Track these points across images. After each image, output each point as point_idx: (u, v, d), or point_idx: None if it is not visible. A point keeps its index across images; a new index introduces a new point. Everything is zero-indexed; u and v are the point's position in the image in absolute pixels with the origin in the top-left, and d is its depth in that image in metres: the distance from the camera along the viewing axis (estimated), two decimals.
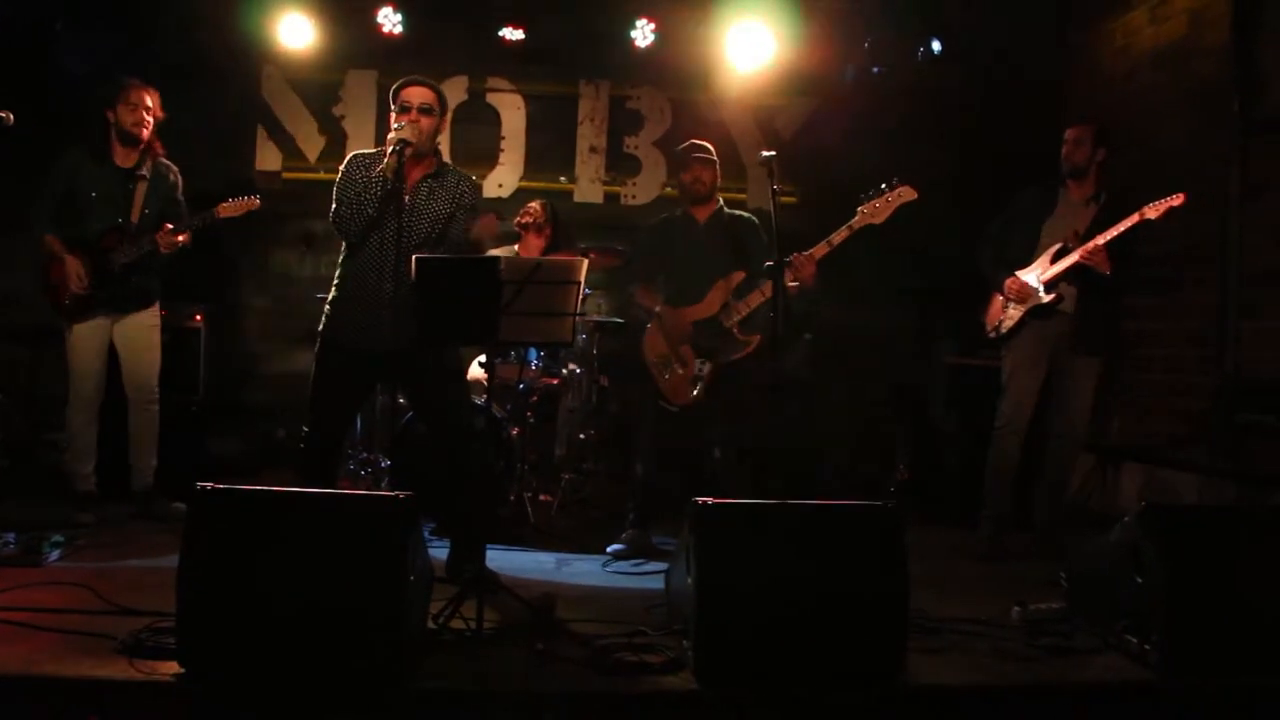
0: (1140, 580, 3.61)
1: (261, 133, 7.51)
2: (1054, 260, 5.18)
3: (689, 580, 3.32)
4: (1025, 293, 5.23)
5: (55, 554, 4.49)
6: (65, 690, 3.07)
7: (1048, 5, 7.01)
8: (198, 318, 6.41)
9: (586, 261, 3.69)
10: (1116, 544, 3.81)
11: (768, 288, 4.95)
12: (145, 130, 5.28)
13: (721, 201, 5.36)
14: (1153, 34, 6.32)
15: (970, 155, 7.14)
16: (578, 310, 3.69)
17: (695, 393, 5.08)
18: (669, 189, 7.52)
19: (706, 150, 5.26)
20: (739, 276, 5.11)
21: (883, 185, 4.85)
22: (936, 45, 7.09)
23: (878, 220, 4.84)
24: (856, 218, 4.85)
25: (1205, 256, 5.77)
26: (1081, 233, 5.14)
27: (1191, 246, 5.84)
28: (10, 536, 4.45)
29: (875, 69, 7.33)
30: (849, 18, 7.12)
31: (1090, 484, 6.38)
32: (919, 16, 7.13)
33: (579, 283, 3.63)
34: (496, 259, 3.62)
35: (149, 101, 5.28)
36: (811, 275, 4.85)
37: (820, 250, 4.85)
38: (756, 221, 5.33)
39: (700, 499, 3.32)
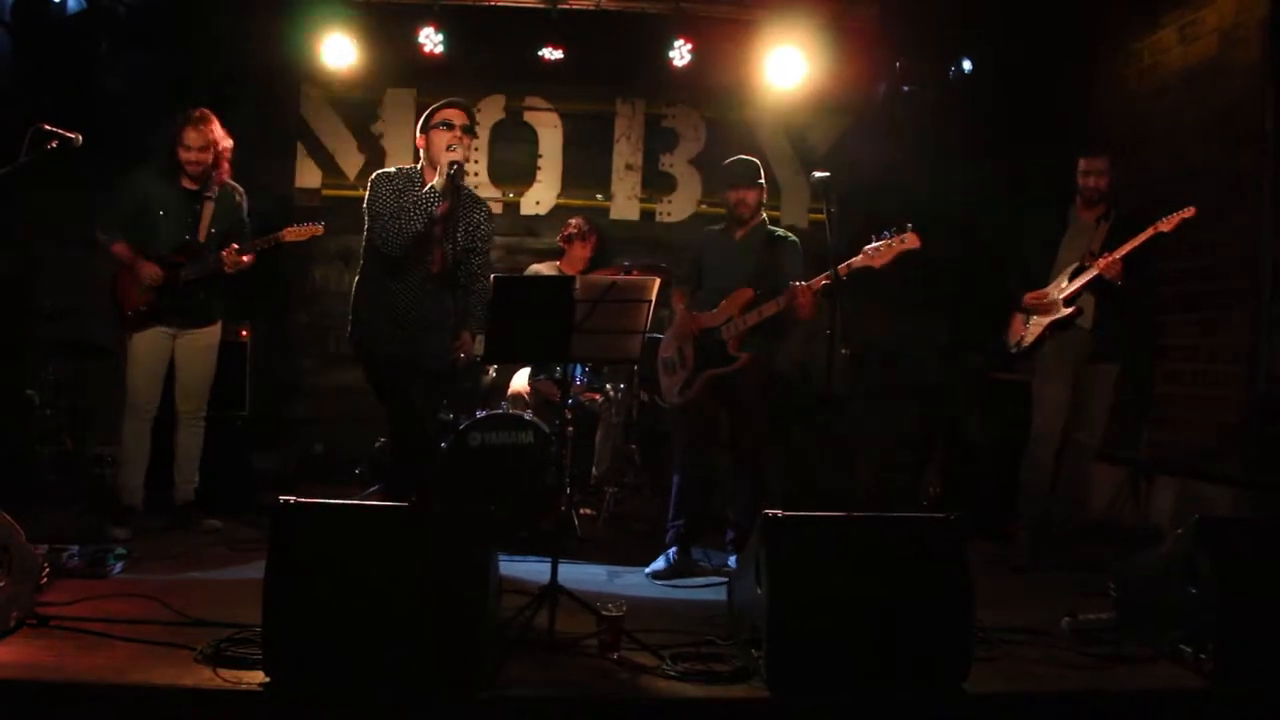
0: (1194, 591, 3.68)
1: (301, 150, 7.62)
2: (1072, 278, 5.34)
3: (759, 591, 3.40)
4: (1044, 304, 5.41)
5: (119, 566, 4.58)
6: (156, 698, 3.15)
7: (1075, 25, 7.09)
8: (244, 333, 6.46)
9: (658, 280, 3.78)
10: (1169, 555, 3.89)
11: (767, 308, 5.05)
12: (201, 167, 5.36)
13: (765, 218, 5.42)
14: (1182, 53, 6.39)
15: (999, 173, 7.24)
16: (647, 328, 3.79)
17: (681, 396, 5.21)
18: (703, 205, 7.65)
19: (759, 172, 5.35)
20: (749, 294, 5.15)
21: (888, 231, 4.94)
22: (967, 65, 7.19)
23: (876, 264, 4.92)
24: (859, 257, 4.92)
25: (1236, 271, 5.83)
26: (1097, 251, 5.30)
27: (1222, 261, 5.91)
28: (74, 549, 4.53)
29: (906, 88, 7.43)
30: (881, 38, 7.21)
31: (1122, 497, 6.45)
32: (949, 37, 7.23)
33: (650, 301, 3.73)
34: (572, 278, 3.72)
35: (206, 139, 5.34)
36: (810, 306, 4.94)
37: (819, 282, 4.93)
38: (796, 241, 5.38)
39: (771, 512, 3.40)
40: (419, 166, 4.83)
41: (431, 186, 4.59)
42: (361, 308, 4.86)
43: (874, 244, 4.92)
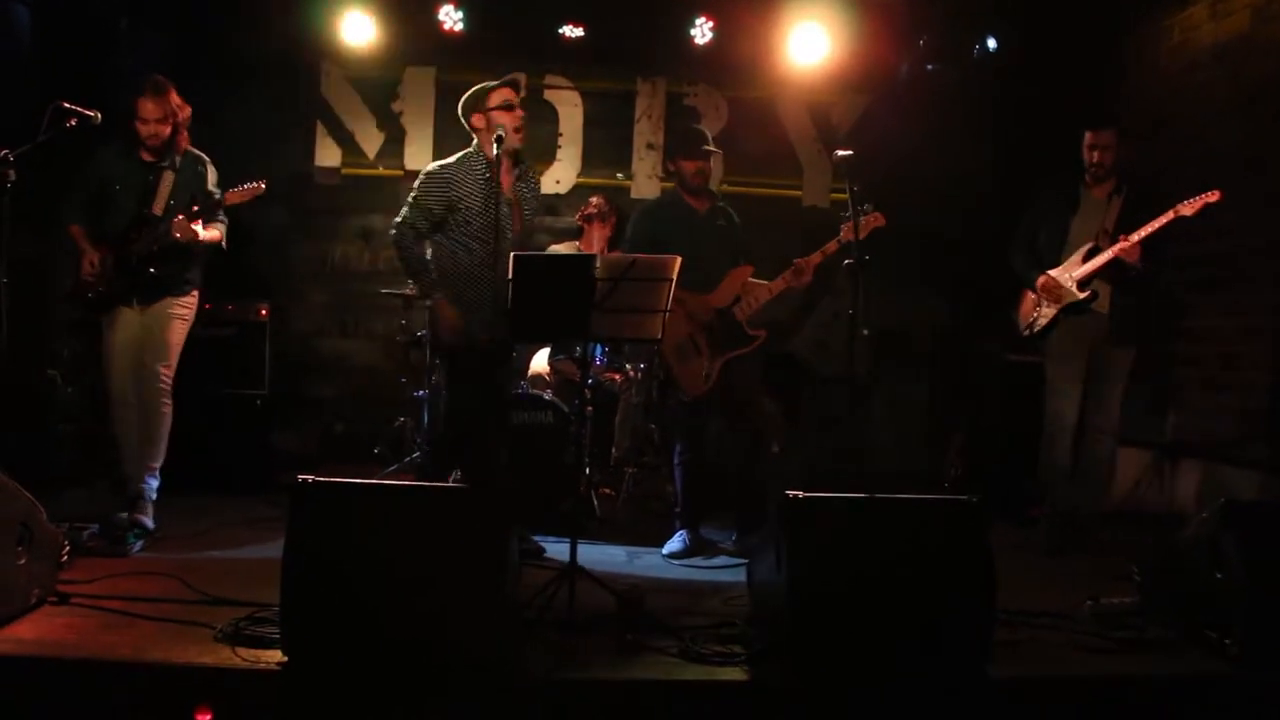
0: (1219, 575, 3.64)
1: (321, 129, 7.61)
2: (1086, 259, 5.24)
3: (778, 572, 3.37)
4: (1058, 290, 5.31)
5: (139, 545, 4.61)
6: (175, 676, 3.16)
7: (1103, 1, 7.00)
8: (263, 312, 6.46)
9: (679, 259, 3.75)
10: (1193, 539, 3.84)
11: (775, 284, 5.08)
12: (158, 139, 5.10)
13: (714, 192, 5.42)
14: (1213, 30, 6.30)
15: (1024, 151, 7.17)
16: (668, 307, 3.76)
17: (707, 384, 5.11)
18: (724, 185, 7.57)
19: (710, 141, 5.30)
20: (749, 270, 5.16)
21: (863, 206, 4.87)
22: (992, 42, 7.11)
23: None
24: (843, 234, 4.93)
25: (1261, 253, 5.77)
26: (1111, 230, 5.22)
27: (1249, 243, 5.84)
28: (94, 528, 4.56)
29: (929, 66, 7.36)
30: (904, 15, 7.14)
31: (1146, 481, 6.40)
32: (974, 14, 7.15)
33: (671, 280, 3.70)
34: (592, 256, 3.69)
35: (165, 110, 5.07)
36: (806, 281, 5.06)
37: (815, 259, 5.03)
38: (733, 214, 5.43)
39: (791, 493, 3.37)
40: (475, 149, 4.82)
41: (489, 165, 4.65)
42: (442, 301, 4.76)
43: (850, 222, 4.83)
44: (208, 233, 5.16)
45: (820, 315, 5.26)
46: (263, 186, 5.13)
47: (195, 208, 5.08)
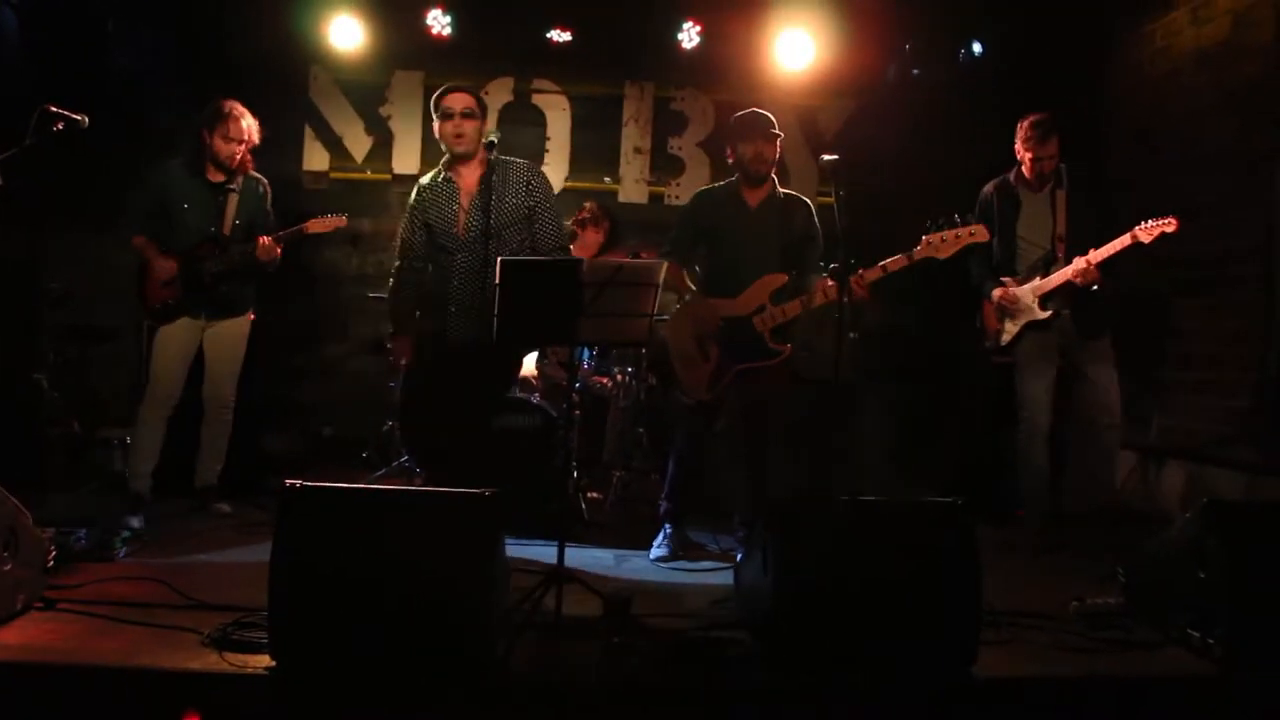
0: (1203, 575, 3.66)
1: (309, 133, 7.62)
2: (1045, 272, 5.27)
3: (765, 575, 3.39)
4: (1016, 305, 5.33)
5: (125, 549, 4.58)
6: (162, 681, 3.15)
7: (1086, 6, 7.03)
8: (250, 315, 6.43)
9: (666, 265, 3.76)
10: (1177, 540, 3.87)
11: (810, 298, 4.77)
12: (236, 160, 5.37)
13: (776, 182, 5.04)
14: (1194, 35, 6.33)
15: (1009, 156, 7.19)
16: (654, 312, 3.77)
17: (712, 393, 4.93)
18: None
19: (773, 123, 4.91)
20: (781, 279, 4.88)
21: (956, 217, 4.68)
22: (977, 47, 7.14)
23: (941, 255, 4.67)
24: (920, 247, 4.66)
25: (1247, 255, 5.78)
26: (1064, 233, 5.24)
27: (1234, 245, 5.86)
28: (81, 532, 4.52)
29: (915, 71, 7.39)
30: (890, 21, 7.17)
31: (1131, 482, 6.42)
32: (959, 19, 7.18)
33: (658, 285, 3.70)
34: (579, 261, 3.70)
35: (245, 133, 5.36)
36: (862, 298, 4.66)
37: (874, 274, 4.65)
38: (811, 205, 5.06)
39: (777, 495, 3.38)
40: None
41: None
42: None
43: (937, 233, 4.66)
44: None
45: (793, 327, 5.12)
46: (344, 220, 5.55)
47: (280, 233, 5.41)
